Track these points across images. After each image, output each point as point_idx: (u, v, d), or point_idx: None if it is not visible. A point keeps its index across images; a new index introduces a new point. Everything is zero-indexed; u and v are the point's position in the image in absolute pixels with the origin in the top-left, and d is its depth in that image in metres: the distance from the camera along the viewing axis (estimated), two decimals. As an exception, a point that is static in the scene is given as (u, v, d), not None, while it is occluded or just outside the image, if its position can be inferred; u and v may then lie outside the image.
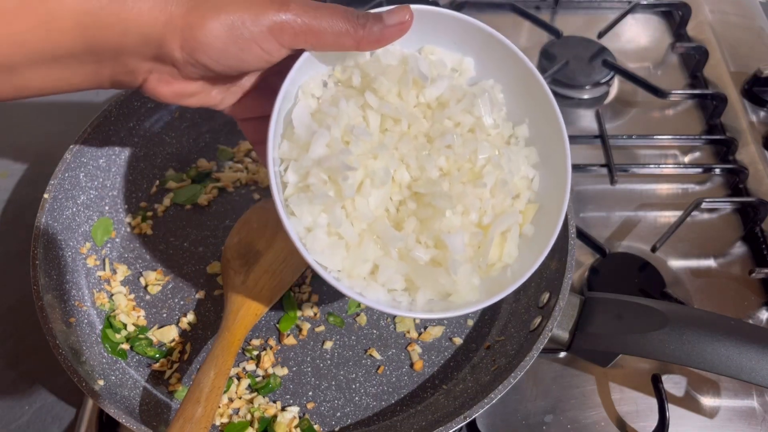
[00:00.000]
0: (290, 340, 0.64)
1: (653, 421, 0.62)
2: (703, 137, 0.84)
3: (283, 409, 0.60)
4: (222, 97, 0.50)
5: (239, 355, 0.64)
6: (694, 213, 0.76)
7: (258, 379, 0.62)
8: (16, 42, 0.38)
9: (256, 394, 0.61)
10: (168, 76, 0.44)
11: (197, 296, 0.67)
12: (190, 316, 0.65)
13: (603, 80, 0.88)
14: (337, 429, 0.60)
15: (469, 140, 0.50)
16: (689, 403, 0.65)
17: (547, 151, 0.53)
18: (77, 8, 0.38)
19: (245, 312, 0.61)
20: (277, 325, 0.65)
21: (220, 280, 0.68)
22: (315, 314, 0.66)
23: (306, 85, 0.50)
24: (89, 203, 0.68)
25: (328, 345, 0.64)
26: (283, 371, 0.63)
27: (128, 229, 0.71)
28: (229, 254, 0.66)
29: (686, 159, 0.84)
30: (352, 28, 0.44)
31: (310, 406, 0.61)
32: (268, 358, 0.63)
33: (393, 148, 0.49)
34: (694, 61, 0.92)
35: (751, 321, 0.70)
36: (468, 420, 0.53)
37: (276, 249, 0.65)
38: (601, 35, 0.92)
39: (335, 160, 0.46)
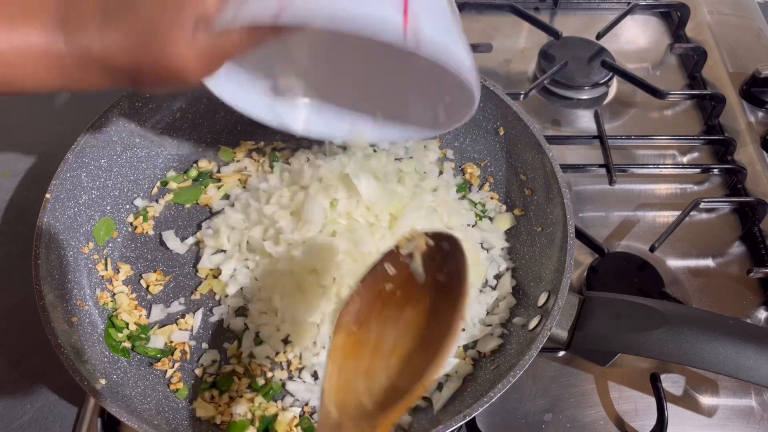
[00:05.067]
0: (291, 340, 0.65)
1: (652, 419, 0.62)
2: (702, 137, 0.84)
3: (283, 408, 0.61)
4: None
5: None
6: (693, 213, 0.77)
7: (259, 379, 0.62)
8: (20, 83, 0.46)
9: (257, 393, 0.61)
10: None
11: (198, 296, 0.67)
12: (191, 316, 0.66)
13: (602, 81, 0.88)
14: (337, 428, 0.60)
15: None
16: (688, 402, 0.65)
17: None
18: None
19: None
20: (278, 325, 0.66)
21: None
22: (315, 314, 0.66)
23: None
24: (91, 203, 0.68)
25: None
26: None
27: (130, 229, 0.71)
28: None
29: (685, 159, 0.84)
30: None
31: (310, 404, 0.61)
32: (269, 357, 0.63)
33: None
34: (692, 61, 0.92)
35: (749, 320, 0.70)
36: (468, 418, 0.53)
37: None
38: (600, 36, 0.92)
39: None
